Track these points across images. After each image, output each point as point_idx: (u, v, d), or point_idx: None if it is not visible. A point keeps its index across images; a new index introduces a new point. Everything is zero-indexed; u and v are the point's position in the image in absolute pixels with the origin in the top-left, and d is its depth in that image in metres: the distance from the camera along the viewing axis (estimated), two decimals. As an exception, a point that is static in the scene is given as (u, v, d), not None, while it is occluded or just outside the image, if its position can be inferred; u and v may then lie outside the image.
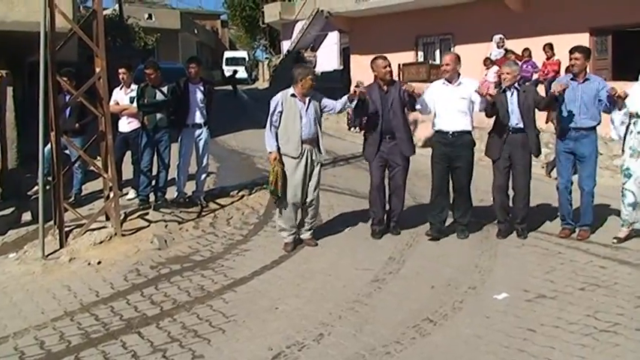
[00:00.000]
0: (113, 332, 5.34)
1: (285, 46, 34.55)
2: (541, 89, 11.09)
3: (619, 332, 4.83)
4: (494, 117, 7.33)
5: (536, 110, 7.32)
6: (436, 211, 7.47)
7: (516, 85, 7.26)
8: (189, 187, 9.56)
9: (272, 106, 7.12)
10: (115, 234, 7.90)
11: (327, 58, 30.63)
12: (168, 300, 6.02)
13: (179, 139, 9.20)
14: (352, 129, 16.35)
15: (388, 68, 7.36)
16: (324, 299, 5.82)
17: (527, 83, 13.24)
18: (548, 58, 14.11)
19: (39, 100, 7.55)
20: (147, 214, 8.64)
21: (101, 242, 7.74)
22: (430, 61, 19.13)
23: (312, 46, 31.41)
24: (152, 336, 5.20)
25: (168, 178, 9.33)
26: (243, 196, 9.96)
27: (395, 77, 8.43)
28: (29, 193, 10.16)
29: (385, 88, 7.37)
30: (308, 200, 7.31)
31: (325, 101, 7.36)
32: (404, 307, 5.52)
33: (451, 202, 7.59)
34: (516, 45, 14.72)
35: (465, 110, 7.22)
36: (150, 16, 38.97)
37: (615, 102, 6.90)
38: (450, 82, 7.27)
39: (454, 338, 4.90)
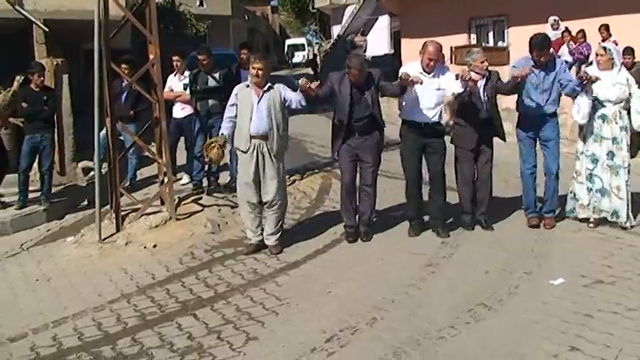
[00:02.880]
0: (169, 314, 5.44)
1: (336, 30, 34.41)
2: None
3: (681, 319, 4.71)
4: (459, 107, 7.11)
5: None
6: (414, 206, 7.19)
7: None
8: (242, 172, 9.61)
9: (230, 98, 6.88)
10: (170, 218, 8.01)
11: (377, 42, 30.38)
12: (222, 283, 6.10)
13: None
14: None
15: (357, 74, 6.66)
16: (377, 283, 5.81)
17: (582, 65, 13.01)
18: (603, 40, 13.72)
19: (94, 87, 7.70)
20: (200, 198, 8.75)
21: (156, 226, 7.86)
22: (484, 44, 18.79)
23: (363, 30, 31.19)
24: (207, 318, 5.28)
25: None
26: (295, 181, 10.01)
27: (447, 62, 7.99)
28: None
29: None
30: (265, 200, 6.76)
31: (286, 95, 6.77)
32: (458, 292, 5.48)
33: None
34: (572, 26, 14.35)
35: (439, 102, 6.87)
36: (201, 3, 39.17)
37: (584, 86, 6.72)
38: (429, 73, 6.77)
39: (509, 323, 4.84)
